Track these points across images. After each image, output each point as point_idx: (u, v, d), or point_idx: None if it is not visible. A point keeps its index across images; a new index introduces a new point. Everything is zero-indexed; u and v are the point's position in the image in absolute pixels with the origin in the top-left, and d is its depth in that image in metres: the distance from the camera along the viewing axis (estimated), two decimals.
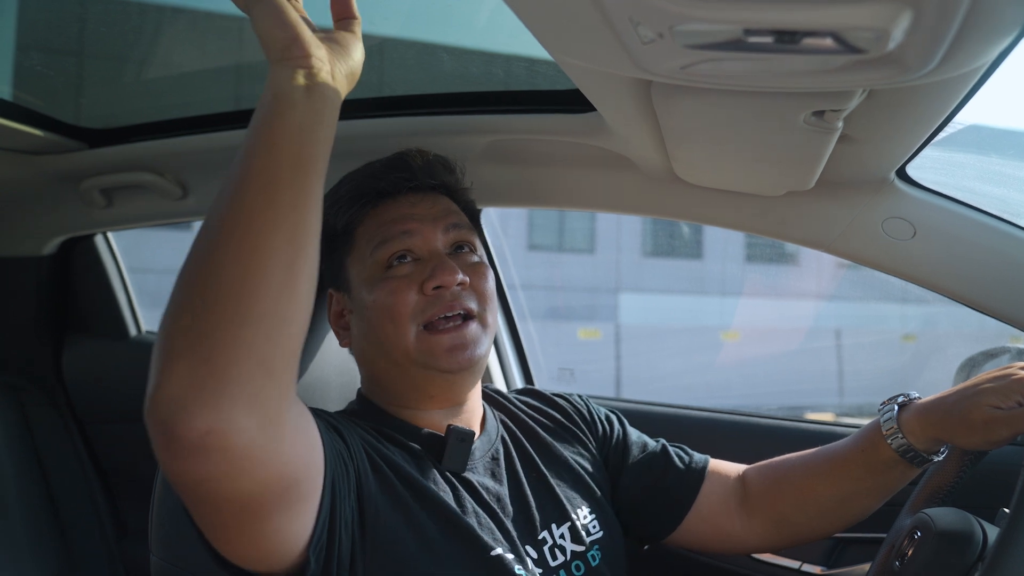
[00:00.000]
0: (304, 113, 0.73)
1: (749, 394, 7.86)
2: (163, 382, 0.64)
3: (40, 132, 1.42)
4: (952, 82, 0.75)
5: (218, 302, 0.65)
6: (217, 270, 0.66)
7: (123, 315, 1.94)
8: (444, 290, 0.99)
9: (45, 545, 1.76)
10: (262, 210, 0.68)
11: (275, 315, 0.67)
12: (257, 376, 0.65)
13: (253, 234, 0.68)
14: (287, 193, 0.70)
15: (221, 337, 0.64)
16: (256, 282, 0.66)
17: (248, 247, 0.67)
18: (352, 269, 1.06)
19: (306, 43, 0.75)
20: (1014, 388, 0.94)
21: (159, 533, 1.06)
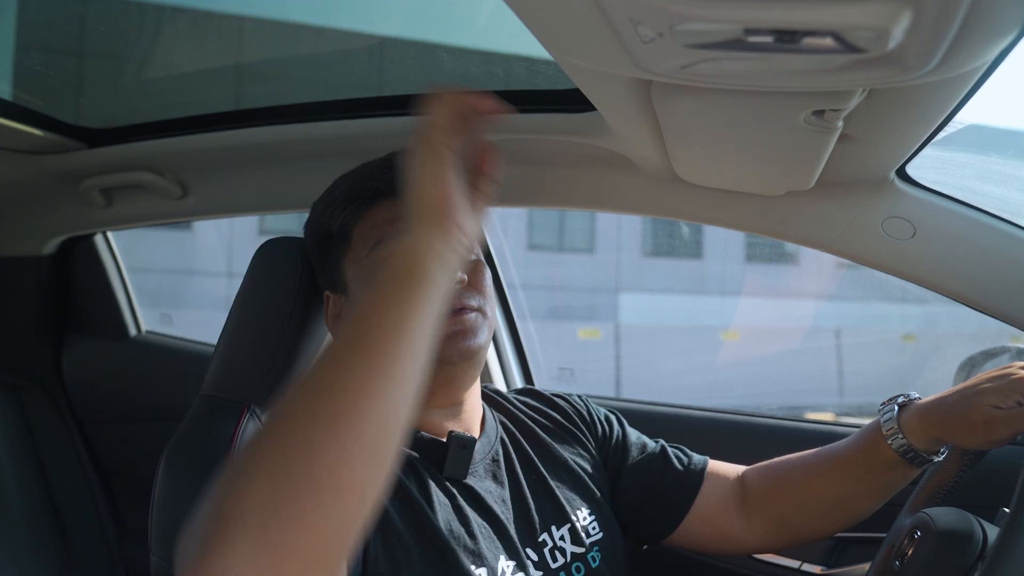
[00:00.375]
0: (443, 289, 0.70)
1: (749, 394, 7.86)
2: (218, 558, 0.55)
3: (40, 132, 1.42)
4: (952, 81, 0.75)
5: (304, 487, 0.58)
6: (311, 457, 0.59)
7: (123, 315, 1.95)
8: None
9: (45, 545, 1.76)
10: (375, 399, 0.62)
11: (354, 512, 0.61)
12: (333, 554, 0.60)
13: (360, 425, 0.61)
14: (407, 382, 0.65)
15: (298, 527, 0.57)
16: (349, 476, 0.59)
17: (351, 437, 0.60)
18: (349, 270, 1.05)
19: (458, 208, 0.72)
20: (1014, 388, 0.94)
21: (159, 533, 1.06)
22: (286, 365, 1.14)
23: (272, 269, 1.16)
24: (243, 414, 1.10)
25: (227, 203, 1.66)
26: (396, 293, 0.68)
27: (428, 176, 0.73)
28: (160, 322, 2.13)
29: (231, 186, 1.59)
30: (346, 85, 1.64)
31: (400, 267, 0.70)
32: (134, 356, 1.95)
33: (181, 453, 1.08)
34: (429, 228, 0.71)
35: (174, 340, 1.99)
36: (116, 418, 1.93)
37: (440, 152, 0.75)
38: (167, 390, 1.89)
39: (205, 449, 1.07)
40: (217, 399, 1.12)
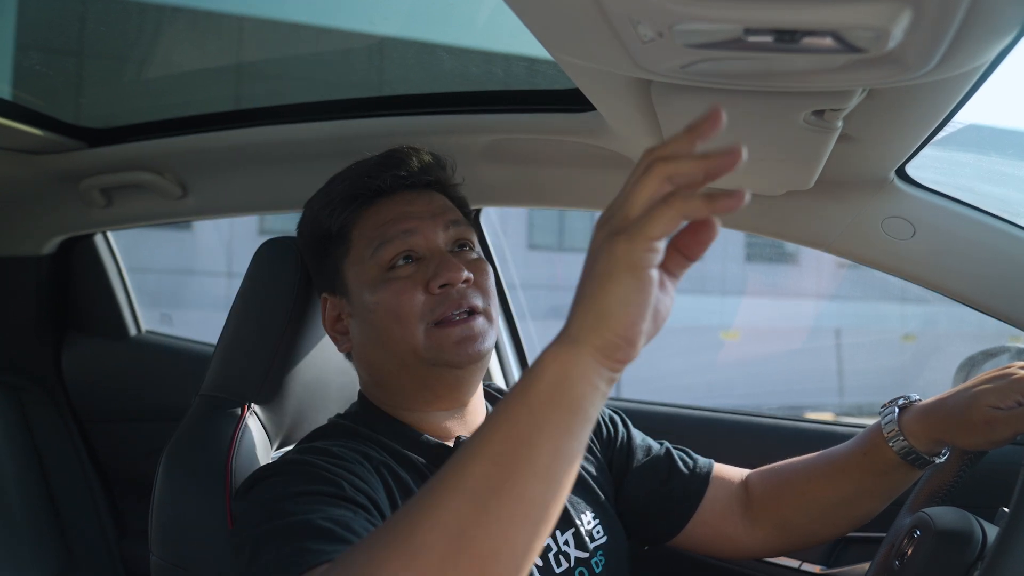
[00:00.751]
0: (592, 419, 0.60)
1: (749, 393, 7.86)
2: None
3: (40, 132, 1.42)
4: (952, 81, 0.75)
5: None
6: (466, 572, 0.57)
7: (123, 315, 1.95)
8: (450, 288, 0.98)
9: (45, 545, 1.76)
10: (517, 544, 0.58)
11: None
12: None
13: (516, 561, 0.58)
14: (555, 514, 0.59)
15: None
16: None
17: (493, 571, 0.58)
18: (350, 272, 1.04)
19: (641, 343, 0.60)
20: (1013, 388, 0.94)
21: (159, 533, 1.06)
22: (285, 364, 1.14)
23: (272, 269, 1.16)
24: (243, 414, 1.10)
25: (227, 203, 1.66)
26: (556, 425, 0.59)
27: (625, 305, 0.58)
28: (160, 322, 2.13)
29: (231, 186, 1.59)
30: (346, 85, 1.64)
31: (561, 389, 0.59)
32: (134, 356, 1.95)
33: (181, 453, 1.08)
34: (606, 361, 0.60)
35: (174, 340, 1.99)
36: (116, 418, 1.93)
37: (649, 278, 0.58)
38: (167, 390, 1.89)
39: (205, 449, 1.07)
40: (217, 399, 1.12)
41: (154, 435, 1.66)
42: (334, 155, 1.41)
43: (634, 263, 0.57)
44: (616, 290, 0.58)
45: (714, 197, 0.57)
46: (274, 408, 1.14)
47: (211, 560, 1.01)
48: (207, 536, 1.02)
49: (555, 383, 0.59)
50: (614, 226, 0.59)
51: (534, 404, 0.59)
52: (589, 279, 0.60)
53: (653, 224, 0.57)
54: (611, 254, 0.58)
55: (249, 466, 1.05)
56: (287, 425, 1.16)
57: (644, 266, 0.57)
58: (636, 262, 0.57)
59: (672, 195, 0.57)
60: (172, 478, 1.07)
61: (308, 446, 0.96)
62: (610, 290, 0.58)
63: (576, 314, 0.61)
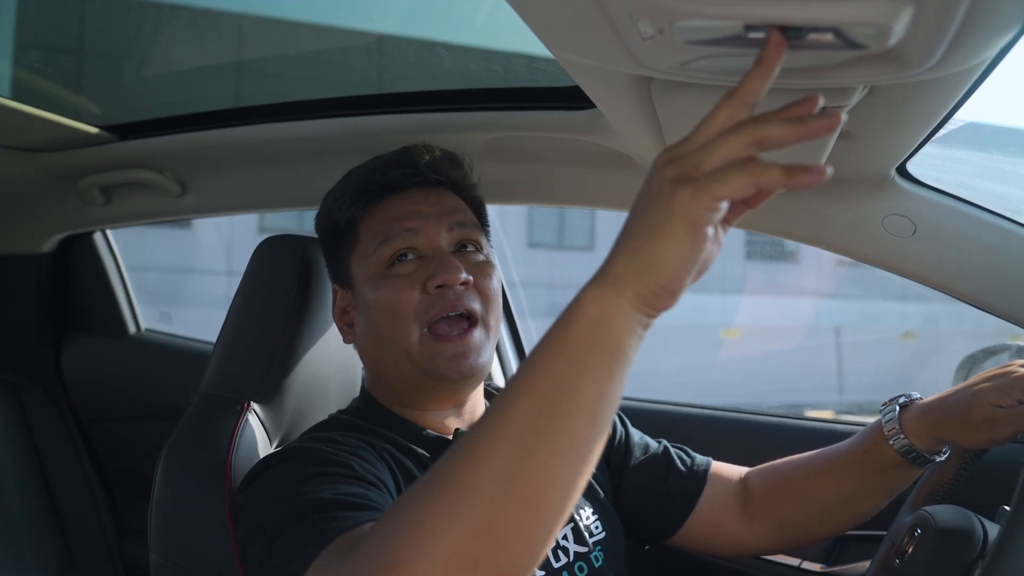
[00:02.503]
0: (631, 362, 0.60)
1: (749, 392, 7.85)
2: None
3: (94, 129, 1.41)
4: (953, 78, 0.75)
5: (485, 567, 0.56)
6: (494, 532, 0.56)
7: (122, 313, 1.95)
8: (447, 289, 0.98)
9: (45, 544, 1.76)
10: (564, 482, 0.58)
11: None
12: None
13: (550, 509, 0.58)
14: (590, 461, 0.59)
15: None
16: (539, 552, 0.58)
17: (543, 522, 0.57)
18: (355, 266, 1.04)
19: (683, 289, 0.59)
20: (1014, 386, 0.94)
21: (158, 532, 1.06)
22: (285, 363, 1.14)
23: (271, 267, 1.16)
24: (242, 412, 1.09)
25: (226, 201, 1.65)
26: (593, 362, 0.58)
27: (676, 258, 0.56)
28: (159, 320, 2.13)
29: (230, 184, 1.59)
30: (346, 83, 1.64)
31: (594, 335, 0.58)
32: (133, 354, 1.95)
33: (180, 451, 1.08)
34: (644, 308, 0.59)
35: (173, 338, 1.99)
36: (116, 416, 1.93)
37: (705, 236, 0.57)
38: (166, 388, 1.89)
39: (204, 448, 1.07)
40: (216, 397, 1.12)
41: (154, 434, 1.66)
42: (334, 153, 1.41)
43: (694, 219, 0.55)
44: (669, 242, 0.56)
45: (794, 171, 0.54)
46: (274, 406, 1.14)
47: (211, 559, 1.01)
48: (207, 535, 1.02)
49: (594, 325, 0.58)
50: (681, 172, 0.56)
51: (573, 346, 0.58)
52: (642, 223, 0.57)
53: (725, 185, 0.54)
54: (671, 203, 0.56)
55: (249, 464, 1.05)
56: (287, 423, 1.16)
57: (704, 223, 0.56)
58: (696, 218, 0.55)
59: (752, 161, 0.54)
60: (171, 477, 1.07)
61: (311, 436, 0.96)
62: (662, 241, 0.56)
63: (621, 256, 0.59)
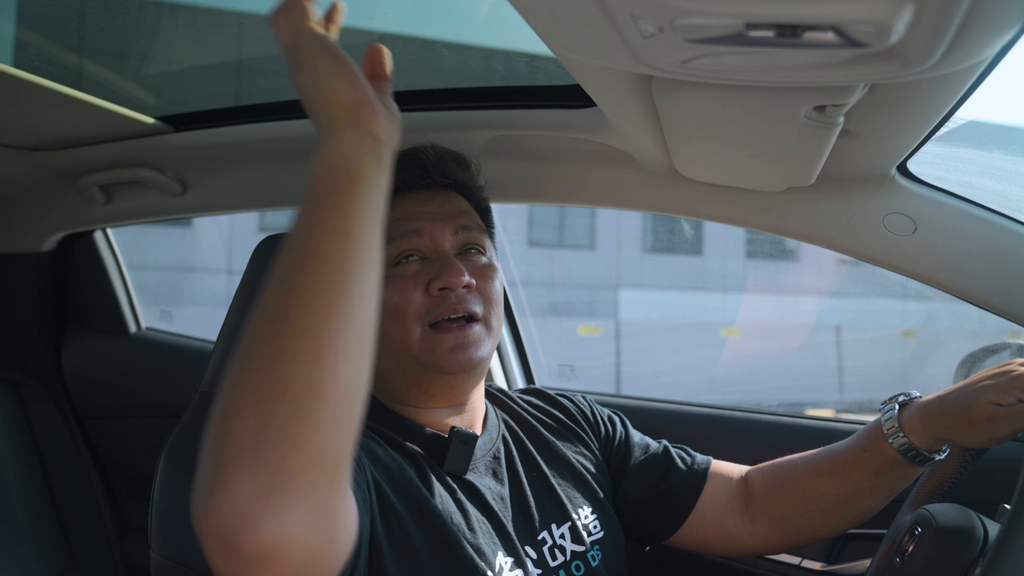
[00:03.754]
0: (375, 188, 0.67)
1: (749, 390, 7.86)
2: (223, 492, 0.57)
3: (151, 119, 1.40)
4: (954, 77, 0.75)
5: (287, 407, 0.59)
6: (285, 372, 0.60)
7: (123, 312, 1.95)
8: (449, 292, 0.98)
9: (46, 541, 1.76)
10: (337, 305, 0.63)
11: (343, 419, 0.62)
12: (321, 482, 0.60)
13: (328, 334, 0.62)
14: (360, 284, 0.64)
15: (290, 444, 0.59)
16: (329, 385, 0.61)
17: (321, 347, 0.61)
18: None
19: (376, 106, 0.68)
20: (1014, 384, 0.94)
21: (159, 529, 1.06)
22: None
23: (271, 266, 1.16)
24: None
25: (227, 199, 1.65)
26: (332, 196, 0.66)
27: (332, 75, 0.67)
28: (160, 319, 2.13)
29: (231, 182, 1.59)
30: None
31: (332, 174, 0.67)
32: (134, 353, 1.95)
33: (180, 449, 1.08)
34: (352, 130, 0.67)
35: (174, 337, 1.99)
36: (116, 414, 1.93)
37: (331, 48, 0.70)
38: (167, 387, 1.89)
39: None
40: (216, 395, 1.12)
41: (154, 431, 1.67)
42: None
43: (308, 39, 0.70)
44: (314, 65, 0.69)
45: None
46: None
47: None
48: None
49: (330, 166, 0.67)
50: (286, 33, 0.73)
51: (319, 190, 0.67)
52: (304, 90, 0.70)
53: (296, 12, 0.73)
54: (296, 51, 0.71)
55: None
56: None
57: (318, 39, 0.70)
58: (311, 39, 0.70)
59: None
60: (172, 474, 1.07)
61: None
62: (314, 70, 0.69)
63: (315, 119, 0.70)
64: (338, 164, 0.67)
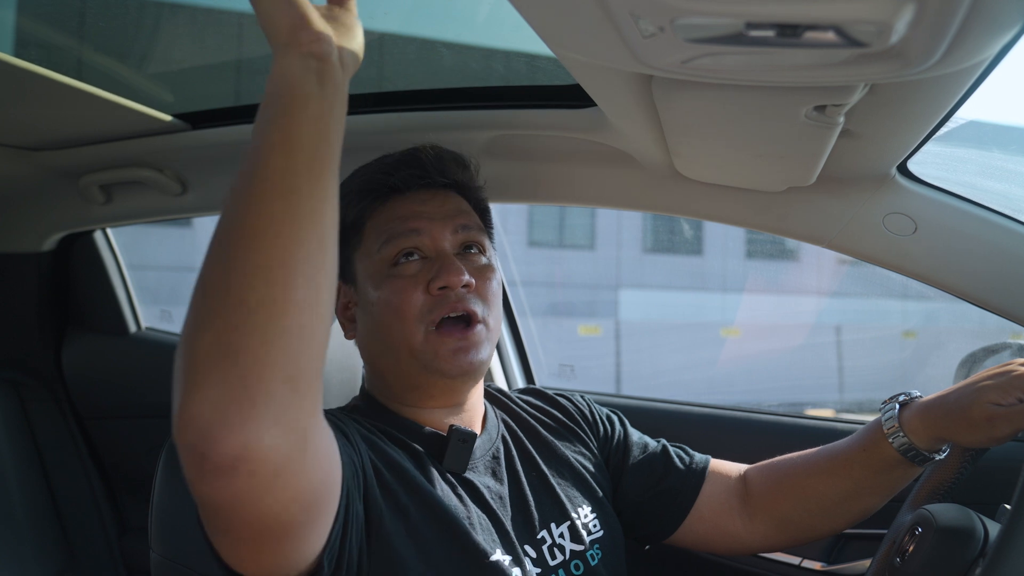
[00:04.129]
0: (319, 105, 0.68)
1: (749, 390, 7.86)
2: (191, 403, 0.61)
3: (168, 117, 1.39)
4: (954, 77, 0.75)
5: (242, 319, 0.61)
6: (238, 285, 0.62)
7: (123, 312, 1.95)
8: (449, 291, 0.99)
9: (46, 541, 1.76)
10: (283, 219, 0.64)
11: (300, 330, 0.63)
12: (286, 393, 0.62)
13: (277, 247, 0.63)
14: (309, 198, 0.66)
15: (248, 355, 0.61)
16: (281, 297, 0.62)
17: (271, 260, 0.63)
18: (359, 264, 1.05)
19: (315, 25, 0.69)
20: (1014, 384, 0.94)
21: (159, 529, 1.06)
22: None
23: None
24: None
25: None
26: (276, 113, 0.68)
27: (272, 2, 0.69)
28: (160, 319, 2.13)
29: (230, 183, 1.59)
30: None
31: (273, 91, 0.69)
32: (134, 353, 1.95)
33: None
34: (291, 50, 0.69)
35: (174, 337, 1.99)
36: (116, 414, 1.93)
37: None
38: (167, 387, 1.86)
39: None
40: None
41: (154, 432, 1.66)
42: None
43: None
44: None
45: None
46: None
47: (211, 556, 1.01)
48: None
49: (272, 84, 0.69)
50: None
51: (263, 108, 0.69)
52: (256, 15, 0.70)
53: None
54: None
55: None
56: None
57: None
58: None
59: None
60: (171, 474, 1.07)
61: None
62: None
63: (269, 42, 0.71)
64: (279, 83, 0.69)
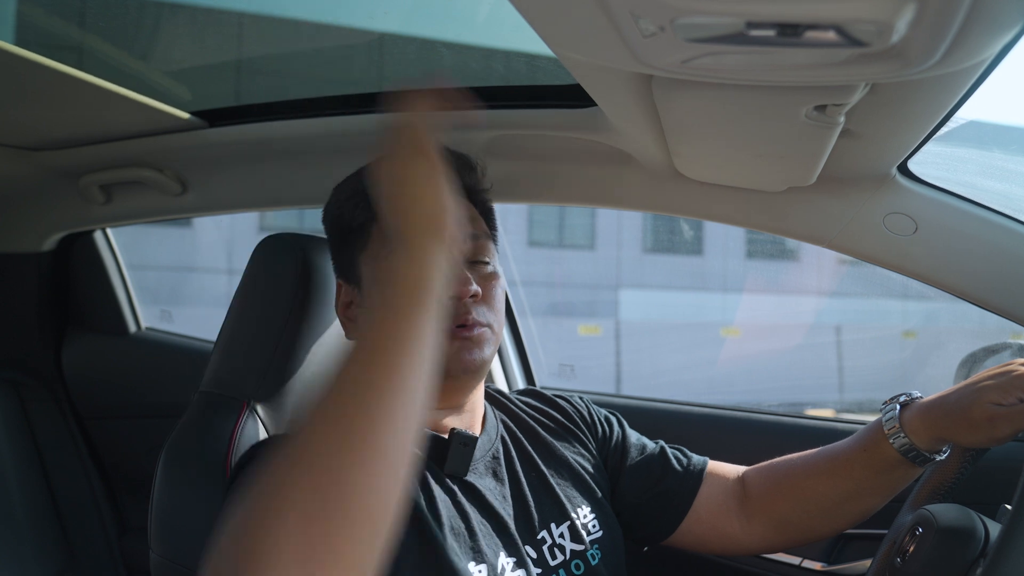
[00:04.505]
0: (439, 300, 0.67)
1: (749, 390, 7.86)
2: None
3: (186, 114, 1.38)
4: (955, 76, 0.75)
5: (338, 514, 0.58)
6: (342, 479, 0.59)
7: (123, 312, 1.95)
8: (458, 300, 0.99)
9: (46, 541, 1.76)
10: (396, 415, 0.63)
11: (386, 525, 0.61)
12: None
13: (386, 443, 0.61)
14: (421, 395, 0.65)
15: (331, 550, 0.57)
16: (382, 495, 0.61)
17: (380, 456, 0.61)
18: (364, 266, 1.04)
19: (452, 216, 0.68)
20: (1015, 384, 0.94)
21: (158, 530, 1.06)
22: (285, 361, 1.14)
23: (271, 266, 1.16)
24: (242, 410, 1.09)
25: (227, 199, 1.65)
26: (406, 310, 0.67)
27: (424, 185, 0.69)
28: (160, 319, 2.13)
29: (230, 182, 1.59)
30: (346, 81, 1.63)
31: (405, 285, 0.68)
32: (134, 353, 1.95)
33: (181, 449, 1.08)
34: (430, 241, 0.68)
35: (174, 337, 1.99)
36: (116, 414, 1.93)
37: (431, 156, 0.71)
38: (167, 386, 1.89)
39: (204, 445, 1.07)
40: (216, 395, 1.12)
41: (154, 432, 1.66)
42: (334, 151, 1.41)
43: (411, 144, 0.70)
44: (410, 172, 0.69)
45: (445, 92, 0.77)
46: (274, 405, 1.13)
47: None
48: (207, 533, 1.02)
49: (404, 276, 0.68)
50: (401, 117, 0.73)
51: (392, 299, 0.68)
52: (397, 191, 0.69)
53: (412, 115, 0.74)
54: (395, 153, 0.71)
55: None
56: (287, 422, 1.16)
57: (421, 145, 0.69)
58: (414, 143, 0.70)
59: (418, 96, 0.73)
60: (172, 475, 1.07)
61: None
62: (409, 177, 0.70)
63: (392, 214, 0.69)
64: (410, 274, 0.68)
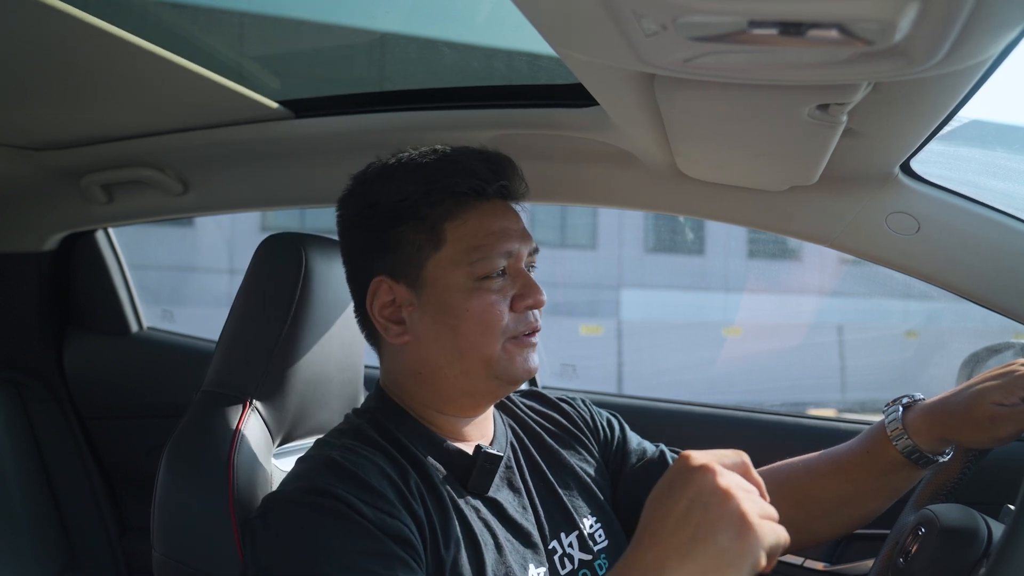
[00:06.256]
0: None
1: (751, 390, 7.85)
2: None
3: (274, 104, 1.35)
4: (958, 75, 0.75)
5: None
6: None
7: (124, 311, 1.95)
8: (531, 310, 1.00)
9: (47, 541, 1.76)
10: None
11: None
12: None
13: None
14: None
15: None
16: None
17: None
18: (435, 269, 0.98)
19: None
20: (1018, 384, 0.94)
21: (161, 529, 1.06)
22: (287, 361, 1.13)
23: (273, 265, 1.16)
24: (244, 410, 1.09)
25: (228, 199, 1.65)
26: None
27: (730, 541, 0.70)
28: (161, 319, 2.13)
29: (232, 182, 1.59)
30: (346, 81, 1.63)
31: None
32: (135, 352, 1.95)
33: (182, 449, 1.08)
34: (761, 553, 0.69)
35: (175, 336, 1.99)
36: (118, 414, 1.93)
37: (747, 520, 0.72)
38: (168, 386, 1.89)
39: (206, 445, 1.06)
40: (218, 395, 1.12)
41: (156, 431, 1.66)
42: (335, 151, 1.41)
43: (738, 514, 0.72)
44: (722, 533, 0.71)
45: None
46: (276, 404, 1.13)
47: (213, 556, 1.01)
48: (209, 532, 1.02)
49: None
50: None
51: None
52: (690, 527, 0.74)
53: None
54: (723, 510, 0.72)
55: (250, 462, 1.05)
56: (289, 422, 1.16)
57: (741, 513, 0.72)
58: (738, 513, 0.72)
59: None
60: (174, 474, 1.07)
61: (332, 462, 0.89)
62: (718, 535, 0.71)
63: (692, 554, 0.71)
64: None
